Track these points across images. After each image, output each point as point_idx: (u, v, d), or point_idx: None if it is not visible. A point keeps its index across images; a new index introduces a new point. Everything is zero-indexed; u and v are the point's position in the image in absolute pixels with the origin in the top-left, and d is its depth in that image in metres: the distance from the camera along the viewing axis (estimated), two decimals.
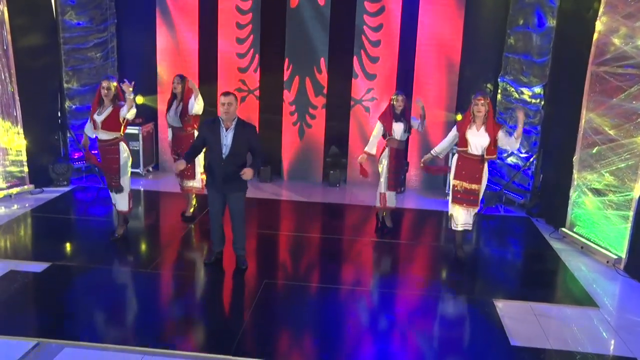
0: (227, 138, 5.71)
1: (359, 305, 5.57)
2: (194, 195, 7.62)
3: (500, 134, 6.15)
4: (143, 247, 6.91)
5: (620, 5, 6.59)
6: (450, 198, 6.47)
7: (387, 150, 7.16)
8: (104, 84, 6.31)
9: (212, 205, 5.99)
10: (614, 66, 6.68)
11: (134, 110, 6.25)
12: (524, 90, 8.41)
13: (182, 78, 7.17)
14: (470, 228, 6.48)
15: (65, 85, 8.85)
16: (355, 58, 9.11)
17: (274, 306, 5.50)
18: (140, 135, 9.20)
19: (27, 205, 7.80)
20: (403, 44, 9.06)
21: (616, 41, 6.66)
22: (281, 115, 9.43)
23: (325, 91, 9.23)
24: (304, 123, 9.41)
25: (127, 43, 9.47)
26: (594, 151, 6.96)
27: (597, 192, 6.95)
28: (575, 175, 7.25)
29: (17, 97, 8.08)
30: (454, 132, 6.45)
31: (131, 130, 9.12)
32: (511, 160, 8.76)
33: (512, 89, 8.57)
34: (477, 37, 8.90)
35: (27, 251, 6.58)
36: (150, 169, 9.66)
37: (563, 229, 7.44)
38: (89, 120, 6.56)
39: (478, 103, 6.13)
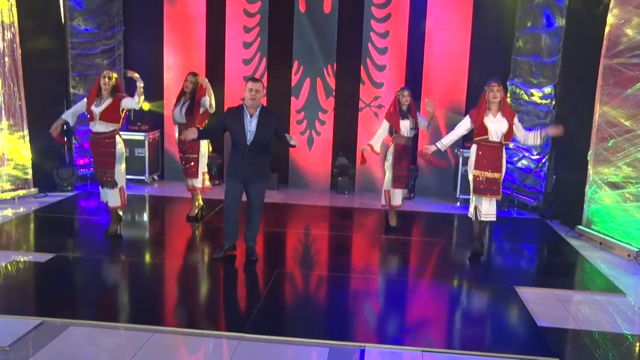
0: (251, 125, 5.58)
1: (380, 291, 5.42)
2: (199, 195, 7.40)
3: (516, 119, 6.05)
4: (150, 241, 6.73)
5: None
6: (471, 189, 6.27)
7: (392, 147, 7.02)
8: (105, 73, 6.14)
9: (230, 195, 5.76)
10: (627, 57, 6.63)
11: (143, 97, 6.12)
12: (534, 91, 8.36)
13: (195, 76, 7.04)
14: (494, 219, 6.25)
15: (71, 90, 8.80)
16: (362, 67, 9.09)
17: (287, 291, 5.33)
18: (146, 142, 9.09)
19: (30, 208, 7.62)
20: (411, 50, 9.06)
21: (629, 32, 6.63)
22: (288, 123, 9.35)
23: (334, 94, 9.18)
24: (314, 130, 9.33)
25: (134, 50, 9.46)
26: (609, 144, 6.85)
27: (615, 186, 6.81)
28: (590, 170, 7.12)
29: (23, 101, 8.01)
30: (465, 124, 6.25)
31: (137, 136, 9.07)
32: (522, 163, 8.65)
33: (522, 92, 8.52)
34: (485, 42, 8.89)
35: (30, 244, 6.43)
36: (156, 177, 9.52)
37: (580, 227, 7.27)
38: (73, 107, 6.44)
39: (493, 89, 6.02)
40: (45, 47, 8.35)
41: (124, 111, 6.26)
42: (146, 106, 8.88)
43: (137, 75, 6.18)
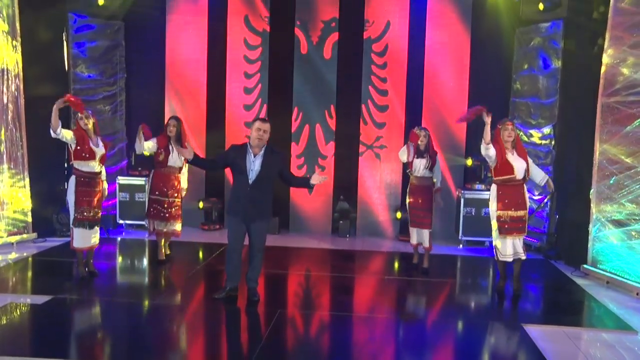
0: (254, 164, 5.56)
1: (384, 331, 5.27)
2: (168, 241, 7.30)
3: (529, 159, 6.14)
4: (149, 284, 6.60)
5: (626, 36, 6.72)
6: (495, 231, 6.15)
7: (409, 186, 7.09)
8: (81, 115, 6.22)
9: (232, 235, 5.70)
10: (624, 95, 6.70)
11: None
12: (533, 132, 8.41)
13: (178, 120, 7.07)
14: (523, 257, 6.16)
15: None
16: (363, 106, 9.18)
17: (289, 331, 5.22)
18: (147, 187, 9.01)
19: (29, 252, 7.53)
20: (410, 94, 9.16)
21: (625, 71, 6.72)
22: (289, 168, 9.35)
23: (334, 137, 9.22)
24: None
25: (136, 97, 9.53)
26: (611, 182, 6.84)
27: (619, 224, 6.76)
28: (593, 209, 7.07)
29: (24, 146, 8.05)
30: (493, 151, 6.03)
31: (137, 181, 9.05)
32: None
33: (521, 133, 8.56)
34: (483, 84, 8.98)
35: (28, 286, 6.34)
36: None
37: (585, 266, 7.17)
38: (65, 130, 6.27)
39: (508, 128, 6.06)
40: (48, 94, 8.33)
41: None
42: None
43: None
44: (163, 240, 7.21)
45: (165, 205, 7.02)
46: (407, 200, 7.09)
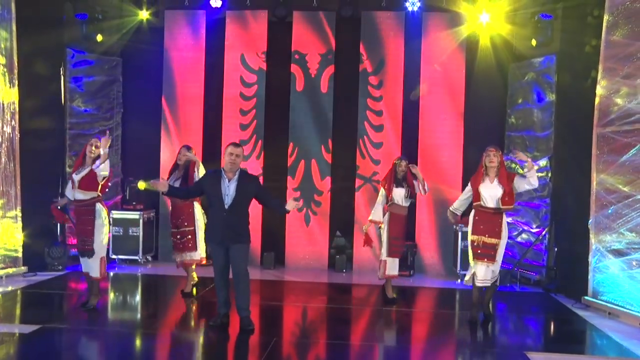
0: (229, 188, 5.56)
1: None
2: (194, 270, 7.18)
3: (516, 179, 6.06)
4: (143, 313, 6.51)
5: (619, 67, 6.79)
6: (470, 254, 6.19)
7: (387, 215, 6.95)
8: (93, 141, 6.15)
9: (216, 262, 5.67)
10: (619, 124, 6.73)
11: (106, 165, 5.94)
12: None
13: (189, 149, 7.10)
14: (488, 284, 6.10)
15: (67, 169, 8.78)
16: (360, 140, 9.19)
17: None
18: (141, 221, 8.96)
19: (18, 285, 7.37)
20: (406, 129, 9.19)
21: (619, 101, 6.77)
22: (285, 200, 9.27)
23: (331, 171, 9.19)
24: (309, 210, 9.25)
25: (132, 132, 9.55)
26: (609, 211, 6.80)
27: (619, 253, 6.68)
28: (592, 239, 7.01)
29: (18, 178, 7.98)
30: (467, 189, 6.39)
31: (132, 215, 8.96)
32: (522, 237, 8.54)
33: (517, 166, 8.57)
34: (478, 119, 9.03)
35: (15, 316, 6.18)
36: (149, 257, 9.28)
37: (586, 298, 7.05)
38: (69, 182, 6.33)
39: (490, 154, 6.09)
40: (44, 127, 8.42)
41: (103, 179, 6.09)
42: (142, 185, 8.81)
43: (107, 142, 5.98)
44: (194, 273, 7.08)
45: (179, 237, 6.94)
46: (385, 229, 6.92)
